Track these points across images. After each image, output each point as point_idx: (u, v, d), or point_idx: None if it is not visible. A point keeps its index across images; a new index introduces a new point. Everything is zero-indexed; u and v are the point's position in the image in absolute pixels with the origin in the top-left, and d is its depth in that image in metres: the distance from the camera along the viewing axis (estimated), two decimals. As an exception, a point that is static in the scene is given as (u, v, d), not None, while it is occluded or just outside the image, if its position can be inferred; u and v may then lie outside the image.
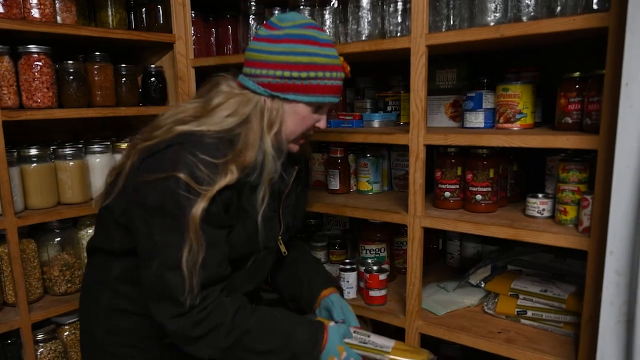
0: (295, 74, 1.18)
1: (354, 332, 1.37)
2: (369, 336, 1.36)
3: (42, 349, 1.83)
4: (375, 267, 1.79)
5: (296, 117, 1.25)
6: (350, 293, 1.84)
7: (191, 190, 1.08)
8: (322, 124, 1.33)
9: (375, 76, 2.29)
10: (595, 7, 1.23)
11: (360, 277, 1.85)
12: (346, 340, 1.31)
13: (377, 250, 1.92)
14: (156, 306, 1.14)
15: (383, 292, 1.77)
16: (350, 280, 1.83)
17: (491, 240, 2.02)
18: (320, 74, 1.20)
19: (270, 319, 1.23)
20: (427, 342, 1.70)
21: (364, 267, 1.81)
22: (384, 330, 1.95)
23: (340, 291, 1.57)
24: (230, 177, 1.13)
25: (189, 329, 1.12)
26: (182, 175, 1.07)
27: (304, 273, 1.55)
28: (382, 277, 1.75)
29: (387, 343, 1.35)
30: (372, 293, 1.76)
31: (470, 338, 1.55)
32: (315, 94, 1.22)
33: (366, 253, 1.92)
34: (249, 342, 1.17)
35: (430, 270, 2.03)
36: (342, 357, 1.25)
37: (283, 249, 1.44)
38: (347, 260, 1.90)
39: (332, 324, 1.31)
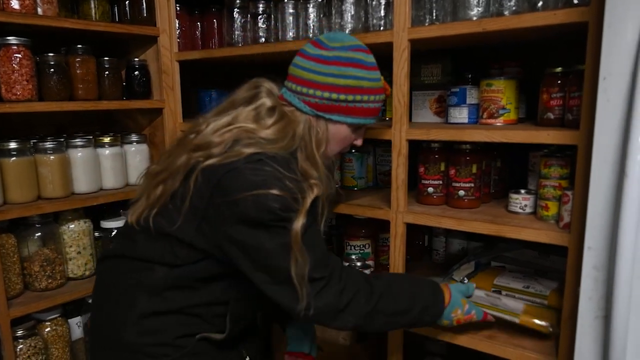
0: (342, 97, 1.23)
1: (487, 294, 1.52)
2: (499, 298, 1.50)
3: (21, 346, 1.80)
4: (359, 263, 1.78)
5: (338, 136, 1.31)
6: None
7: (287, 206, 1.10)
8: (359, 142, 1.41)
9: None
10: (575, 1, 1.22)
11: (343, 273, 1.84)
12: (477, 302, 1.44)
13: (361, 246, 1.91)
14: (297, 298, 1.14)
15: None
16: None
17: (476, 236, 2.02)
18: (365, 97, 1.26)
19: (396, 280, 1.31)
20: (412, 338, 1.70)
21: (347, 263, 1.80)
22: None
23: None
24: (315, 191, 1.17)
25: (336, 299, 1.16)
26: (274, 192, 1.08)
27: None
28: (366, 273, 1.74)
29: (517, 305, 1.46)
30: None
31: (451, 334, 1.54)
32: (358, 116, 1.28)
33: (351, 249, 1.92)
34: (384, 305, 1.22)
35: (415, 267, 2.02)
36: (464, 309, 1.35)
37: None
38: (331, 257, 1.89)
39: (453, 283, 1.43)
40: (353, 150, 1.98)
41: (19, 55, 1.70)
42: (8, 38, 1.68)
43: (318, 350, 1.65)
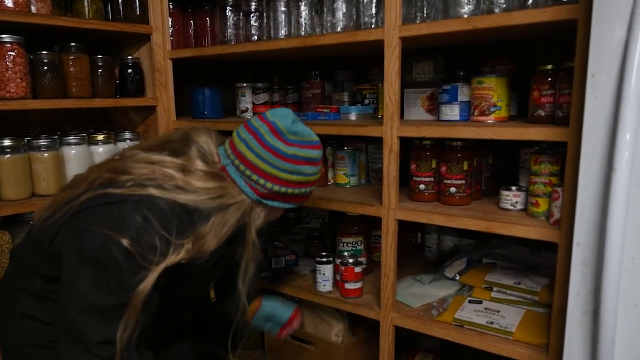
0: (289, 190, 1.25)
1: (485, 309, 1.57)
2: (498, 311, 1.55)
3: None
4: (350, 260, 1.79)
5: (272, 215, 1.34)
6: (326, 286, 1.84)
7: (132, 260, 1.06)
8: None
9: (355, 69, 2.29)
10: (564, -1, 1.23)
11: (336, 270, 1.84)
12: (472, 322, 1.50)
13: (354, 243, 1.92)
14: (69, 353, 1.11)
15: (358, 285, 1.77)
16: (326, 272, 1.83)
17: (468, 233, 2.03)
18: (308, 189, 1.30)
19: None
20: (405, 335, 1.71)
21: (339, 260, 1.81)
22: (361, 322, 1.96)
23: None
24: (181, 256, 1.12)
25: None
26: (124, 241, 1.05)
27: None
28: (358, 269, 1.75)
29: (515, 317, 1.51)
30: (348, 286, 1.76)
31: (443, 330, 1.55)
32: (296, 202, 1.32)
33: (343, 246, 1.92)
34: None
35: (407, 264, 2.03)
36: None
37: (212, 294, 1.49)
38: (324, 253, 1.90)
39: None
40: (346, 148, 1.99)
41: (13, 53, 1.70)
42: (2, 36, 1.68)
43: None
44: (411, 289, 1.78)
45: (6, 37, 1.69)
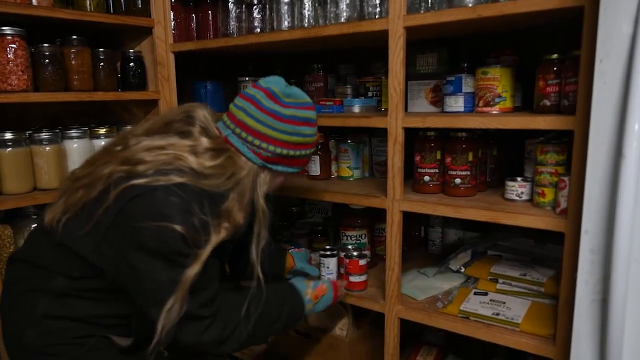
0: (291, 152, 1.29)
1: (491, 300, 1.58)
2: (504, 303, 1.56)
3: None
4: (355, 253, 1.78)
5: (276, 182, 1.38)
6: (331, 279, 1.83)
7: (187, 244, 1.11)
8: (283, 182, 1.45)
9: (357, 63, 2.27)
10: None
11: (340, 263, 1.83)
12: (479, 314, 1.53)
13: (357, 236, 1.91)
14: (184, 332, 1.18)
15: (363, 278, 1.76)
16: (330, 266, 1.82)
17: (472, 226, 2.03)
18: (308, 151, 1.34)
19: (266, 297, 1.33)
20: (409, 329, 1.70)
21: (344, 253, 1.80)
22: (365, 316, 1.95)
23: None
24: (222, 235, 1.17)
25: (219, 334, 1.22)
26: (178, 227, 1.09)
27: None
28: (362, 262, 1.74)
29: (521, 309, 1.52)
30: (352, 279, 1.75)
31: (449, 322, 1.54)
32: (299, 166, 1.37)
33: (347, 239, 1.91)
34: (260, 324, 1.31)
35: (412, 257, 2.02)
36: (311, 285, 1.53)
37: (227, 269, 1.54)
38: (328, 247, 1.89)
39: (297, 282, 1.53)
40: (349, 141, 1.98)
41: (14, 46, 1.69)
42: (3, 28, 1.67)
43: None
44: (416, 281, 1.77)
45: (7, 30, 1.68)
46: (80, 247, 1.18)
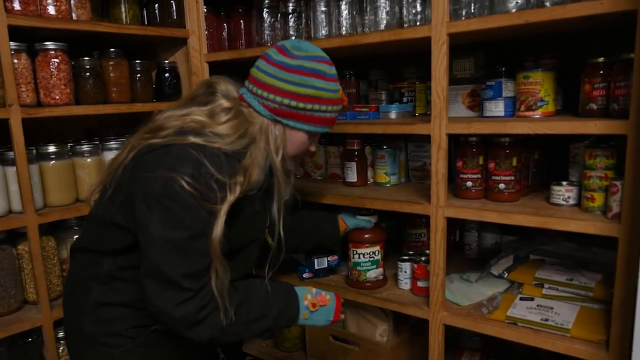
0: (301, 105, 1.26)
1: (538, 306, 1.56)
2: (552, 308, 1.54)
3: (63, 347, 1.82)
4: (423, 258, 1.78)
5: (295, 142, 1.33)
6: (407, 283, 1.84)
7: (194, 196, 1.09)
8: (313, 148, 1.43)
9: (388, 68, 2.28)
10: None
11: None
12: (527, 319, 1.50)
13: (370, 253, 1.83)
14: (159, 296, 1.14)
15: (428, 283, 1.74)
16: (407, 270, 1.83)
17: (510, 230, 2.01)
18: (323, 107, 1.28)
19: (254, 290, 1.30)
20: (446, 334, 1.69)
21: (406, 257, 1.84)
22: (405, 322, 1.95)
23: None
24: (237, 191, 1.16)
25: (195, 313, 1.15)
26: (184, 178, 1.08)
27: (313, 225, 1.74)
28: (429, 267, 1.73)
29: (570, 314, 1.49)
30: (420, 284, 1.76)
31: (496, 328, 1.54)
32: (315, 124, 1.31)
33: (358, 257, 1.84)
34: (240, 316, 1.23)
35: (448, 262, 2.00)
36: (313, 292, 1.42)
37: (270, 240, 1.45)
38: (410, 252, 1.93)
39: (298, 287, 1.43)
40: (385, 147, 1.98)
41: (57, 60, 1.72)
42: (46, 43, 1.70)
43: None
44: (458, 287, 1.77)
45: (50, 45, 1.71)
46: (107, 211, 1.21)
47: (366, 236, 1.79)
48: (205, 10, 2.15)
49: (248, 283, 1.31)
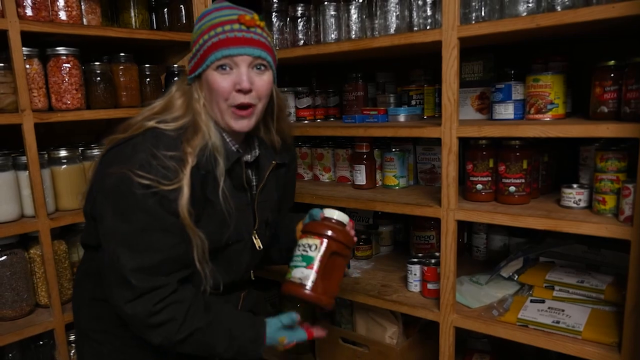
0: (194, 51, 1.23)
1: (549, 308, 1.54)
2: (563, 311, 1.53)
3: (74, 349, 1.83)
4: (432, 260, 1.79)
5: (208, 86, 1.23)
6: (417, 286, 1.85)
7: (146, 186, 1.11)
8: (239, 80, 1.21)
9: (395, 70, 2.28)
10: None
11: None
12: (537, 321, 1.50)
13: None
14: (113, 290, 1.16)
15: (438, 286, 1.75)
16: (417, 273, 1.84)
17: (518, 232, 2.02)
18: (205, 37, 1.20)
19: (219, 318, 1.25)
20: (456, 335, 1.69)
21: (416, 260, 1.85)
22: (414, 324, 1.95)
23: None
24: (191, 162, 1.16)
25: (145, 316, 1.15)
26: (135, 171, 1.10)
27: (279, 228, 1.56)
28: (439, 270, 1.74)
29: (581, 316, 1.48)
30: (430, 286, 1.77)
31: (507, 331, 1.54)
32: (206, 57, 1.20)
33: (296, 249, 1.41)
34: (198, 338, 1.21)
35: (457, 264, 2.00)
36: (284, 344, 1.32)
37: (258, 243, 1.40)
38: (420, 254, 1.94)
39: (270, 318, 1.34)
40: (394, 149, 1.99)
41: (68, 65, 1.73)
42: (58, 49, 1.71)
43: None
44: (468, 289, 1.77)
45: (62, 50, 1.72)
46: (86, 206, 1.26)
47: (310, 225, 1.36)
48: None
49: (217, 309, 1.26)
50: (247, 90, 1.20)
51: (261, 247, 1.41)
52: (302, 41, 1.94)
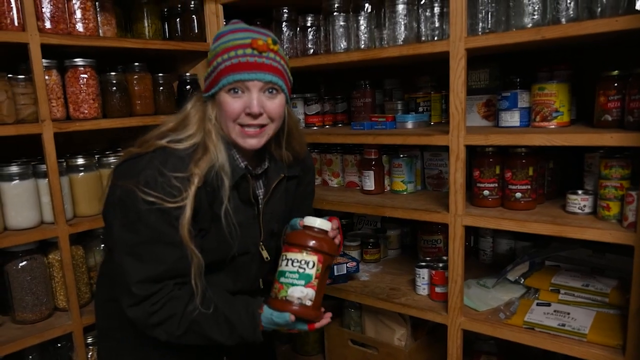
0: (209, 71, 1.27)
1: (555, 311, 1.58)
2: (568, 314, 1.56)
3: (92, 352, 1.88)
4: (440, 264, 1.83)
5: (219, 107, 1.27)
6: (426, 289, 1.89)
7: (151, 202, 1.16)
8: (249, 104, 1.24)
9: (402, 77, 2.33)
10: (638, 8, 1.25)
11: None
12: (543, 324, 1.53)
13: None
14: (119, 294, 1.25)
15: (446, 289, 1.78)
16: (425, 276, 1.88)
17: (524, 236, 2.05)
18: (219, 59, 1.23)
19: (215, 307, 1.28)
20: (464, 337, 1.73)
21: (424, 264, 1.89)
22: (422, 326, 1.98)
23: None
24: (196, 182, 1.20)
25: (145, 318, 1.23)
26: (140, 187, 1.16)
27: None
28: (447, 274, 1.78)
29: (586, 319, 1.52)
30: (438, 289, 1.81)
31: (514, 333, 1.58)
32: (219, 80, 1.23)
33: (286, 264, 1.31)
34: (199, 330, 1.27)
35: (464, 268, 2.05)
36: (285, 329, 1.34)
37: (265, 254, 1.43)
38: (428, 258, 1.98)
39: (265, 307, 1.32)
40: (402, 155, 2.03)
41: (85, 76, 1.78)
42: (75, 60, 1.76)
43: None
44: (476, 292, 1.81)
45: (79, 61, 1.77)
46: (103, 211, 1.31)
47: (301, 237, 1.31)
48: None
49: (213, 300, 1.28)
50: (257, 114, 1.24)
51: (269, 258, 1.45)
52: (312, 50, 1.99)
